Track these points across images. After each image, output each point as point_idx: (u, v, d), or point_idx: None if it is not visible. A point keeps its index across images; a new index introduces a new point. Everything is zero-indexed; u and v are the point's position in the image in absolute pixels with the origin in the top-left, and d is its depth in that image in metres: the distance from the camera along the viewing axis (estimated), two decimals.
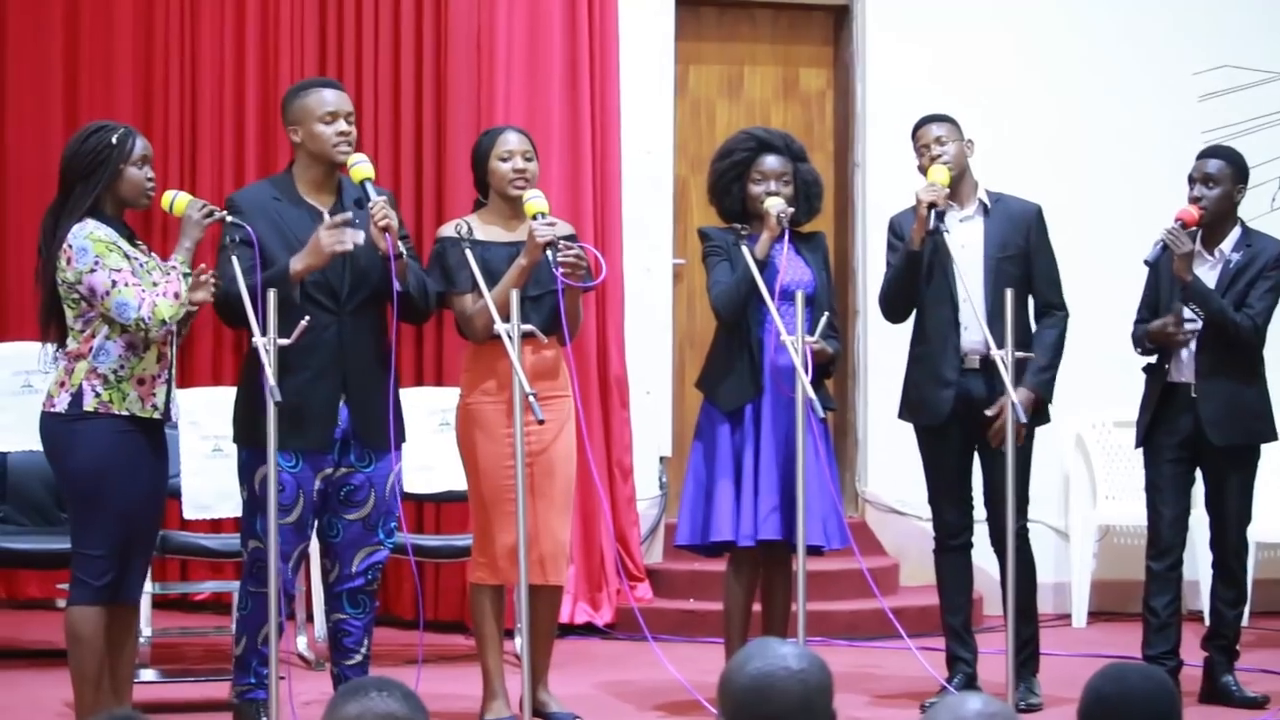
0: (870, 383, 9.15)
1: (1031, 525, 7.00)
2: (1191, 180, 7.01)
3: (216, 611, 8.47)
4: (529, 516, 6.12)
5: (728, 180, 6.87)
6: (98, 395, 5.78)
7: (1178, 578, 7.03)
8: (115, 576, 5.83)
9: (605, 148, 8.69)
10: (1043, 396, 6.90)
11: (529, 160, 6.53)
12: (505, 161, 6.52)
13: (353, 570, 6.22)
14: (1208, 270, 6.99)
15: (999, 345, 6.48)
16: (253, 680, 6.17)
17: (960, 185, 6.96)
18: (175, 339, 5.94)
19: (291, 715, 6.14)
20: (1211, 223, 6.98)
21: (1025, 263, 6.96)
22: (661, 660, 6.93)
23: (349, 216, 6.03)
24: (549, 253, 6.31)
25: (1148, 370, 7.11)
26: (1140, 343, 7.07)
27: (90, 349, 5.80)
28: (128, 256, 5.80)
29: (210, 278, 5.86)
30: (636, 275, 8.87)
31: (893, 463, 8.65)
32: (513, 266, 6.38)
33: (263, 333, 5.74)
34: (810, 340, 6.47)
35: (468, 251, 6.35)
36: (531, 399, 5.90)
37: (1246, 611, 7.35)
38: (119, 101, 8.76)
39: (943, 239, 6.78)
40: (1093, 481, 9.13)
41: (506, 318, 6.09)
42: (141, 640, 6.83)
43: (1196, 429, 6.96)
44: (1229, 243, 7.02)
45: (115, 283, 5.73)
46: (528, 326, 6.25)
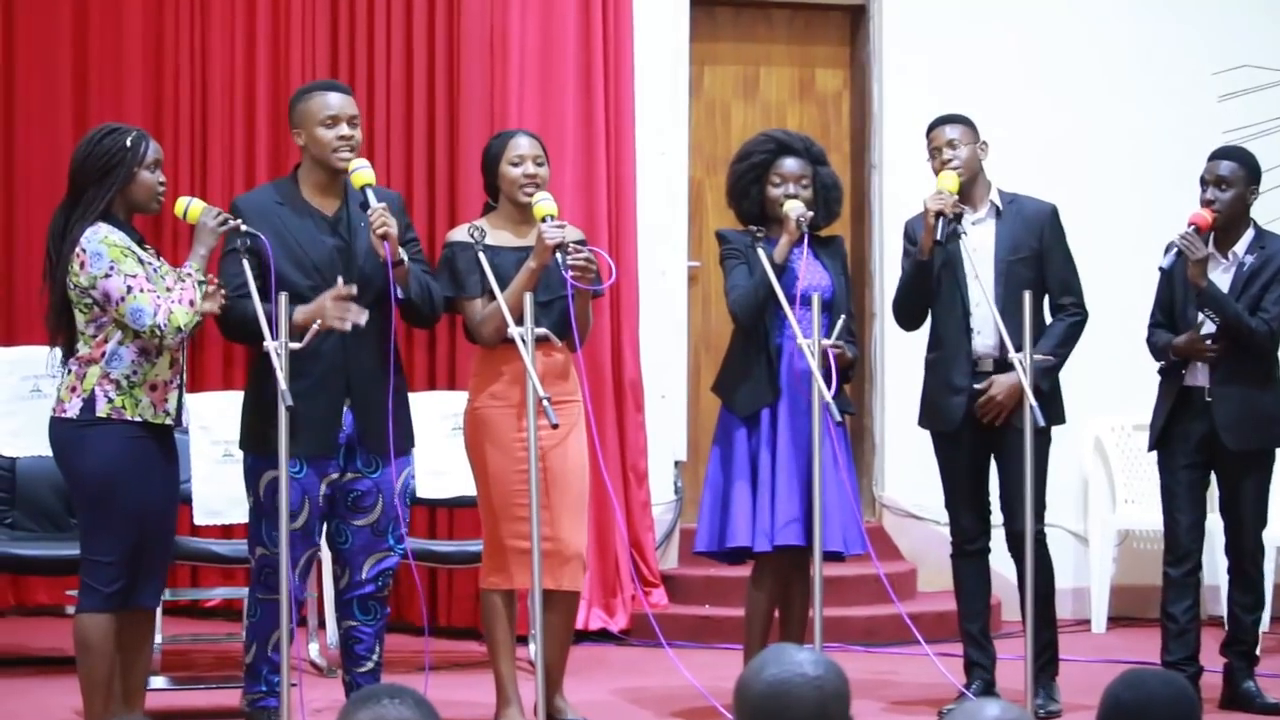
0: (887, 387, 9.10)
1: (1050, 530, 6.96)
2: (1204, 182, 6.95)
3: (227, 618, 8.43)
4: (541, 521, 6.07)
5: (746, 182, 6.82)
6: (110, 401, 5.73)
7: (1196, 583, 6.99)
8: (125, 583, 5.78)
9: (620, 149, 8.65)
10: (1037, 384, 6.72)
11: (540, 165, 6.48)
12: (516, 166, 6.47)
13: (363, 577, 6.19)
14: (1221, 273, 6.94)
15: (1017, 349, 6.42)
16: (264, 688, 6.16)
17: (972, 188, 6.90)
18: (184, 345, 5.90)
19: None
20: (1225, 225, 6.92)
21: (1039, 264, 6.89)
22: (677, 666, 6.89)
23: (354, 290, 5.97)
24: (559, 255, 6.26)
25: (1162, 373, 7.06)
26: (1163, 354, 6.99)
27: (103, 354, 5.75)
28: (142, 262, 5.76)
29: (218, 290, 5.82)
30: (651, 278, 8.83)
31: (910, 467, 8.60)
32: (522, 270, 6.33)
33: (274, 337, 5.70)
34: (830, 343, 6.41)
35: (481, 255, 6.30)
36: (545, 403, 5.86)
37: (1266, 616, 7.30)
38: (129, 103, 8.71)
39: (959, 244, 6.72)
40: (1112, 485, 9.07)
41: (518, 322, 6.05)
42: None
43: (1211, 434, 6.91)
44: (1242, 245, 6.97)
45: (130, 289, 5.69)
46: (541, 330, 6.21)
